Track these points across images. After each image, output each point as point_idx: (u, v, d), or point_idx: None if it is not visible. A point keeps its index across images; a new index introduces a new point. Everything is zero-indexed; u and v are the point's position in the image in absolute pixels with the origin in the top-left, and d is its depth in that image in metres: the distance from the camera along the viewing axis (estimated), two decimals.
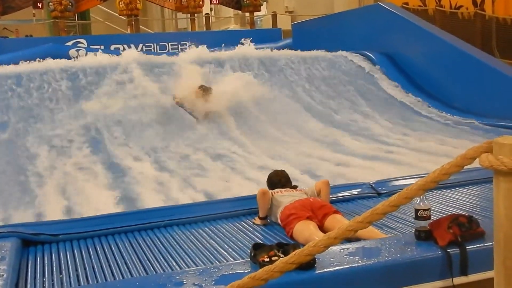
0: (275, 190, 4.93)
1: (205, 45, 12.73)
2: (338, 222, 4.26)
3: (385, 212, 2.30)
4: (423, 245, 3.15)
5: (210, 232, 4.63)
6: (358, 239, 3.51)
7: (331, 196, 4.99)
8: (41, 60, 11.46)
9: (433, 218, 3.27)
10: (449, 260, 3.02)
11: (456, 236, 3.07)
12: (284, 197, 4.75)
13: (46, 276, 3.87)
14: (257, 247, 3.10)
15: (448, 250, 3.04)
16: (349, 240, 3.18)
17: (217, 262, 3.93)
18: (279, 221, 4.61)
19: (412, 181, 5.73)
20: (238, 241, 4.37)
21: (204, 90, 10.01)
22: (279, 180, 5.15)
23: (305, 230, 4.21)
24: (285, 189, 4.97)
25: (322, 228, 4.30)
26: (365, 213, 2.24)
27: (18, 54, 14.05)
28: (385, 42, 13.36)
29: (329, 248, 2.46)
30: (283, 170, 5.33)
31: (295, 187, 5.10)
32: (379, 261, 3.03)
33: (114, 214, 5.25)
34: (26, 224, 4.95)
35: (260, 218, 4.81)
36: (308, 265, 2.86)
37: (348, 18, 15.27)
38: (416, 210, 3.19)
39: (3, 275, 3.56)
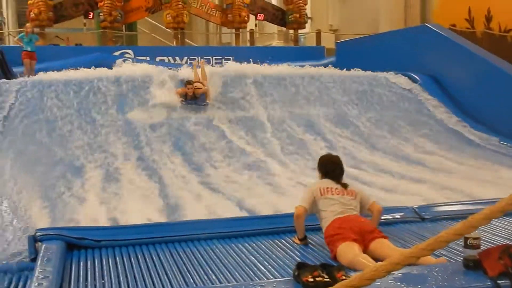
0: (325, 187, 4.65)
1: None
2: (384, 247, 4.20)
3: (449, 240, 2.25)
4: (472, 274, 3.07)
5: (250, 248, 4.63)
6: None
7: None
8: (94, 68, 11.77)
9: (482, 247, 3.19)
10: None
11: (507, 267, 2.98)
12: (334, 205, 4.54)
13: (89, 280, 3.94)
14: (301, 266, 3.08)
15: (498, 281, 2.96)
16: None
17: (257, 279, 3.92)
18: (323, 235, 4.50)
19: (457, 207, 5.74)
20: (278, 258, 4.36)
21: (188, 83, 11.03)
22: (333, 168, 4.82)
23: (349, 252, 4.12)
24: (335, 187, 4.66)
25: (366, 251, 4.22)
26: (428, 240, 2.20)
27: (67, 61, 14.40)
28: (431, 63, 13.21)
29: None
30: (338, 157, 4.98)
31: (345, 185, 4.75)
32: None
33: (156, 224, 5.31)
34: (71, 228, 5.04)
35: (299, 239, 4.75)
36: None
37: (393, 38, 15.16)
38: (466, 239, 3.12)
39: (48, 276, 3.64)
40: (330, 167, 4.82)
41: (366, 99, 12.16)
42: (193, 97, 10.95)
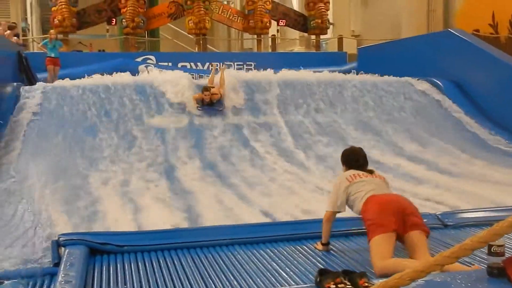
0: (352, 174, 4.59)
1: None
2: (419, 245, 4.10)
3: (474, 248, 2.23)
4: (496, 282, 3.01)
5: (272, 254, 4.63)
6: None
7: None
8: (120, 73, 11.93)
9: (507, 254, 3.14)
10: None
11: None
12: (365, 185, 4.45)
13: (111, 285, 3.97)
14: (323, 272, 3.07)
15: None
16: None
17: (278, 285, 3.92)
18: (360, 214, 4.39)
19: (480, 214, 5.68)
20: (300, 264, 4.35)
21: (206, 89, 10.96)
22: (356, 159, 4.75)
23: (382, 247, 4.05)
24: (362, 173, 4.60)
25: (402, 236, 4.16)
26: (453, 247, 2.18)
27: (90, 67, 14.56)
28: (454, 69, 13.09)
29: None
30: (361, 148, 4.93)
31: (371, 171, 4.69)
32: None
33: (178, 230, 5.35)
34: (94, 233, 5.09)
35: (322, 244, 4.72)
36: None
37: (415, 43, 15.06)
38: (490, 246, 3.06)
39: (71, 281, 3.68)
40: (353, 158, 4.77)
41: (388, 104, 12.08)
42: (209, 103, 10.93)
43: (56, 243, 4.52)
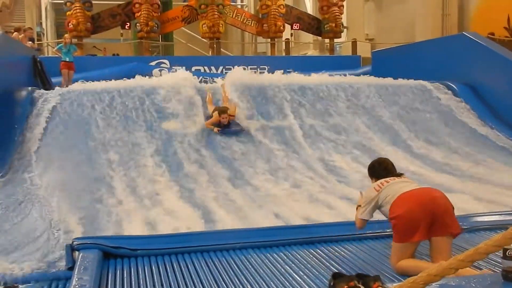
0: (379, 182, 4.45)
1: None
2: (443, 250, 4.05)
3: (489, 252, 2.21)
4: (511, 286, 2.99)
5: (285, 257, 4.62)
6: None
7: None
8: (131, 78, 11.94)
9: None
10: None
11: None
12: (393, 186, 4.34)
13: None
14: (336, 276, 3.06)
15: None
16: None
17: None
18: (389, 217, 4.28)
19: (495, 217, 5.63)
20: (313, 268, 4.34)
21: (222, 111, 10.21)
22: (384, 167, 4.65)
23: (403, 253, 4.07)
24: (390, 178, 4.48)
25: (430, 239, 4.11)
26: (467, 251, 2.16)
27: (105, 71, 14.65)
28: (469, 72, 12.99)
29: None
30: (387, 158, 4.87)
31: (400, 175, 4.60)
32: None
33: (192, 233, 5.35)
34: (108, 237, 5.11)
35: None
36: None
37: (430, 47, 14.97)
38: (505, 250, 3.02)
39: (85, 285, 3.69)
40: (380, 167, 4.67)
41: (402, 107, 12.04)
42: (227, 125, 10.20)
43: (70, 247, 4.53)
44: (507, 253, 3.05)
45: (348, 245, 4.87)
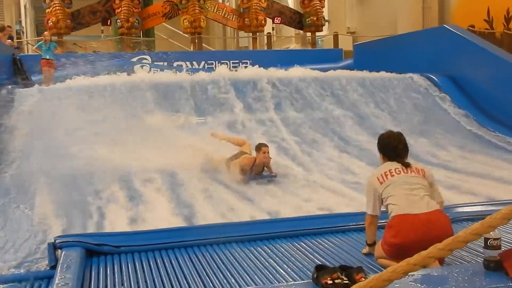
0: (383, 172, 4.17)
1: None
2: None
3: (467, 240, 2.22)
4: (493, 275, 3.01)
5: (269, 251, 4.62)
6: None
7: None
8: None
9: (503, 248, 3.14)
10: None
11: None
12: (395, 189, 4.07)
13: (108, 286, 3.96)
14: (320, 268, 3.06)
15: None
16: None
17: (276, 282, 3.92)
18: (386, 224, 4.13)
19: (477, 208, 5.67)
20: (297, 261, 4.34)
21: (264, 145, 8.26)
22: (395, 146, 4.27)
23: (388, 261, 3.97)
24: (395, 167, 4.17)
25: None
26: (446, 240, 2.17)
27: (86, 68, 14.52)
28: (449, 64, 13.10)
29: None
30: (401, 134, 4.41)
31: (408, 165, 4.21)
32: None
33: (175, 229, 5.32)
34: (90, 234, 5.07)
35: (368, 245, 4.43)
36: None
37: (411, 40, 15.07)
38: (486, 239, 3.06)
39: (68, 283, 3.66)
40: (390, 146, 4.30)
41: (382, 98, 12.11)
42: (260, 171, 8.18)
43: (52, 245, 4.47)
44: (488, 243, 3.08)
45: (332, 237, 4.88)
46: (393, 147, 4.29)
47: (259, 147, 8.06)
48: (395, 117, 11.46)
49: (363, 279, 2.85)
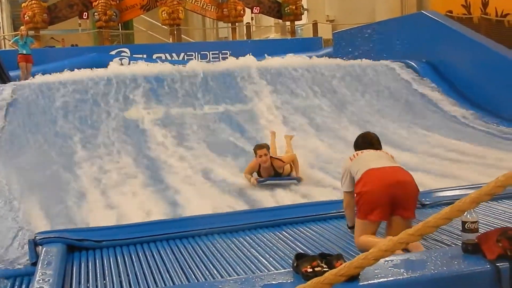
0: (355, 152, 4.53)
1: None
2: (398, 229, 4.02)
3: (438, 225, 2.25)
4: (471, 258, 3.06)
5: (251, 241, 4.62)
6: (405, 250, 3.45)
7: None
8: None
9: (480, 231, 3.18)
10: (498, 274, 2.92)
11: (506, 249, 2.97)
12: (364, 158, 4.37)
13: (90, 281, 3.93)
14: (299, 257, 3.06)
15: (497, 264, 2.95)
16: None
17: (258, 271, 3.92)
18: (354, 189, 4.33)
19: (457, 192, 5.71)
20: (279, 250, 4.35)
21: (260, 147, 7.33)
22: (368, 141, 4.65)
23: (365, 229, 4.16)
24: (367, 150, 4.52)
25: (389, 219, 4.19)
26: (416, 225, 2.19)
27: (64, 63, 14.38)
28: (429, 50, 13.16)
29: None
30: (374, 133, 4.84)
31: (379, 149, 4.63)
32: (425, 274, 2.92)
33: (156, 222, 5.29)
34: (71, 230, 5.04)
35: (350, 228, 4.59)
36: (352, 277, 2.79)
37: (390, 26, 15.10)
38: (464, 223, 3.09)
39: (49, 280, 3.63)
40: (363, 141, 4.68)
41: (363, 86, 12.13)
42: (275, 173, 7.33)
43: (33, 242, 4.45)
44: (466, 226, 3.13)
45: (313, 225, 4.90)
46: (365, 140, 4.68)
47: (254, 151, 7.32)
48: (372, 104, 11.47)
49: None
